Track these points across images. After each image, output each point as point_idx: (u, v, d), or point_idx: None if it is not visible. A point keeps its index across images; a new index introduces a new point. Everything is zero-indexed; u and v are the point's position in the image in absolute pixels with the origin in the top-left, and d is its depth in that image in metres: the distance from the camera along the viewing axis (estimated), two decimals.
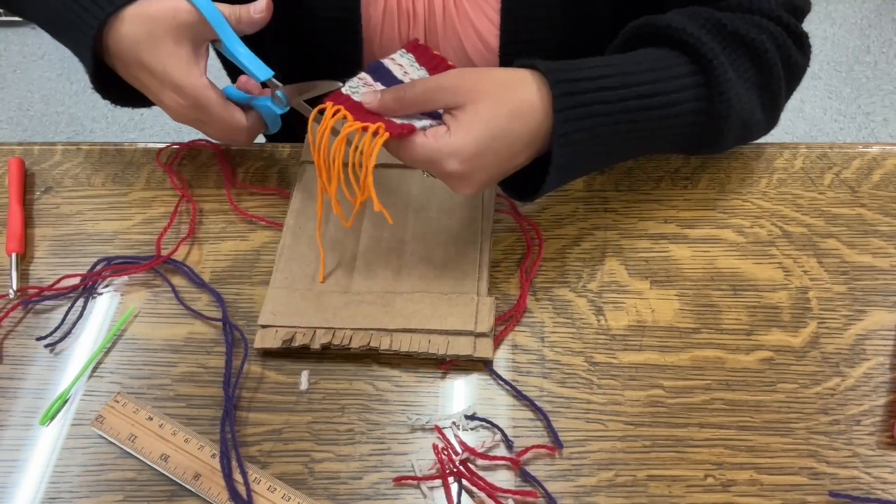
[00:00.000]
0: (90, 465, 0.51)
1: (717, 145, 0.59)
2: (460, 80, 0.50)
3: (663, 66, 0.53)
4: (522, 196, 0.56)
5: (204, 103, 0.56)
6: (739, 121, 0.56)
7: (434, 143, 0.49)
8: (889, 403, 0.52)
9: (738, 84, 0.55)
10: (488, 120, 0.49)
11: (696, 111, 0.54)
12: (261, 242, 0.62)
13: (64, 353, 0.56)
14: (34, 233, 0.63)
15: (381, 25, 0.66)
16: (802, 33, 0.60)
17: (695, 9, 0.57)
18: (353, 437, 0.51)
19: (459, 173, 0.50)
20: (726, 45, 0.55)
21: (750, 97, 0.57)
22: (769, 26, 0.57)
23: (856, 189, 0.64)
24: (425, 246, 0.59)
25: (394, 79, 0.56)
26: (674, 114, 0.53)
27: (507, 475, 0.50)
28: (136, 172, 0.67)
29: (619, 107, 0.51)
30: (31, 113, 1.91)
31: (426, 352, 0.53)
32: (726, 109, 0.54)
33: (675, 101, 0.53)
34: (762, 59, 0.56)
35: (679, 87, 0.53)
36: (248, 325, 0.57)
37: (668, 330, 0.56)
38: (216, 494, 0.49)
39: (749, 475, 0.49)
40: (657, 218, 0.62)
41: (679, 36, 0.54)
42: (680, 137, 0.57)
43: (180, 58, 0.55)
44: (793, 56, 0.58)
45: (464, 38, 0.66)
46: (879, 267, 0.59)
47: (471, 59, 0.67)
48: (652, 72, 0.53)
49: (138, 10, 0.54)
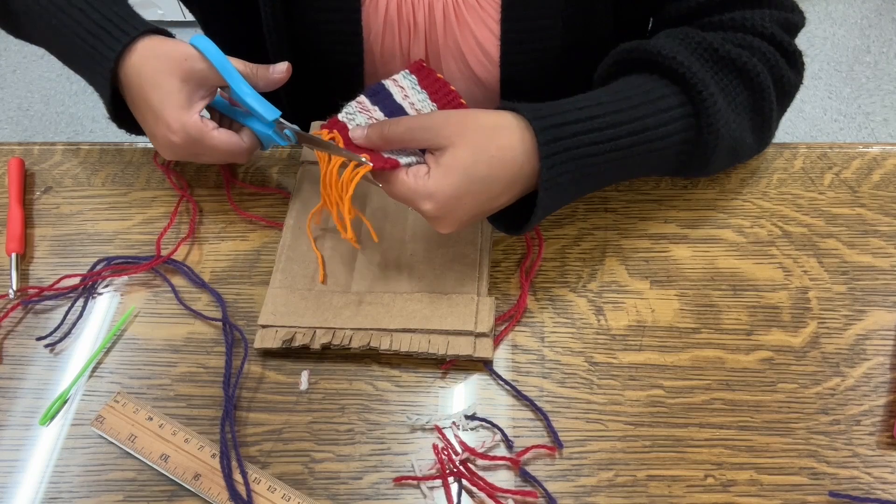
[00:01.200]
0: (90, 465, 0.51)
1: (703, 171, 0.58)
2: (444, 122, 0.50)
3: (652, 99, 0.53)
4: (508, 229, 0.56)
5: (197, 136, 0.55)
6: (728, 148, 0.56)
7: (413, 182, 0.50)
8: (889, 403, 0.52)
9: (728, 111, 0.55)
10: (467, 167, 0.49)
11: (685, 141, 0.54)
12: (261, 242, 0.62)
13: (64, 353, 0.56)
14: (34, 233, 0.63)
15: (381, 36, 0.66)
16: (796, 51, 0.59)
17: (686, 31, 0.56)
18: (353, 437, 0.52)
19: (434, 214, 0.50)
20: (717, 71, 0.55)
21: (740, 122, 0.56)
22: (762, 46, 0.56)
23: (856, 189, 0.64)
24: (425, 246, 0.59)
25: (393, 102, 0.56)
26: (662, 146, 0.53)
27: (507, 475, 0.50)
28: (136, 172, 0.67)
29: (607, 146, 0.51)
30: (31, 113, 1.91)
31: (426, 352, 0.53)
32: (714, 140, 0.54)
33: (663, 135, 0.53)
34: (754, 83, 0.55)
35: (668, 119, 0.53)
36: (248, 325, 0.57)
37: (668, 330, 0.56)
38: (216, 494, 0.49)
39: (749, 475, 0.49)
40: (657, 218, 0.62)
41: (669, 64, 0.53)
42: (667, 165, 0.57)
43: (179, 98, 0.55)
44: (785, 76, 0.57)
45: (464, 49, 0.66)
46: (879, 267, 0.59)
47: (472, 70, 0.67)
48: (642, 106, 0.52)
49: (151, 46, 0.55)
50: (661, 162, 0.55)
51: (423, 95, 0.57)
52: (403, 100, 0.56)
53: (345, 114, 0.54)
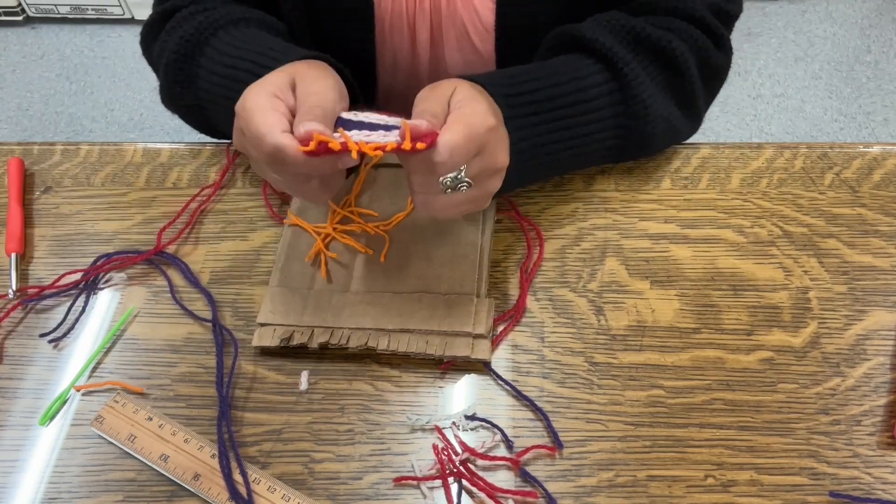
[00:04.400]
0: (90, 465, 0.51)
1: (648, 146, 0.62)
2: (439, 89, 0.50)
3: (581, 76, 0.58)
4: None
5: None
6: (661, 119, 0.60)
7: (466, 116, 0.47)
8: (889, 403, 0.52)
9: (652, 87, 0.59)
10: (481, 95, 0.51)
11: (615, 115, 0.58)
12: (261, 242, 0.62)
13: (64, 352, 0.56)
14: (34, 233, 0.63)
15: (389, 7, 0.67)
16: (724, 35, 0.63)
17: (613, 15, 0.61)
18: (353, 438, 0.51)
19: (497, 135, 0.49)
20: (638, 52, 0.59)
21: (665, 98, 0.61)
22: (688, 29, 0.61)
23: (856, 189, 0.64)
24: (425, 246, 0.59)
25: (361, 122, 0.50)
26: (596, 119, 0.58)
27: (507, 475, 0.50)
28: (136, 172, 0.67)
29: (548, 116, 0.56)
30: (30, 113, 1.91)
31: (424, 352, 0.53)
32: (643, 110, 0.58)
33: (594, 108, 0.58)
34: (672, 63, 0.60)
35: (596, 94, 0.57)
36: (247, 325, 0.57)
37: (668, 330, 0.56)
38: (216, 495, 0.48)
39: (749, 475, 0.49)
40: (657, 218, 0.62)
41: (593, 46, 0.58)
42: (611, 141, 0.60)
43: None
44: (712, 57, 0.62)
45: (464, 15, 0.67)
46: (880, 267, 0.59)
47: (470, 39, 0.68)
48: (574, 82, 0.57)
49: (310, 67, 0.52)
50: (603, 138, 0.59)
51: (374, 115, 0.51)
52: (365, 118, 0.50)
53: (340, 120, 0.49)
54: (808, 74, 1.94)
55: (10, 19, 2.08)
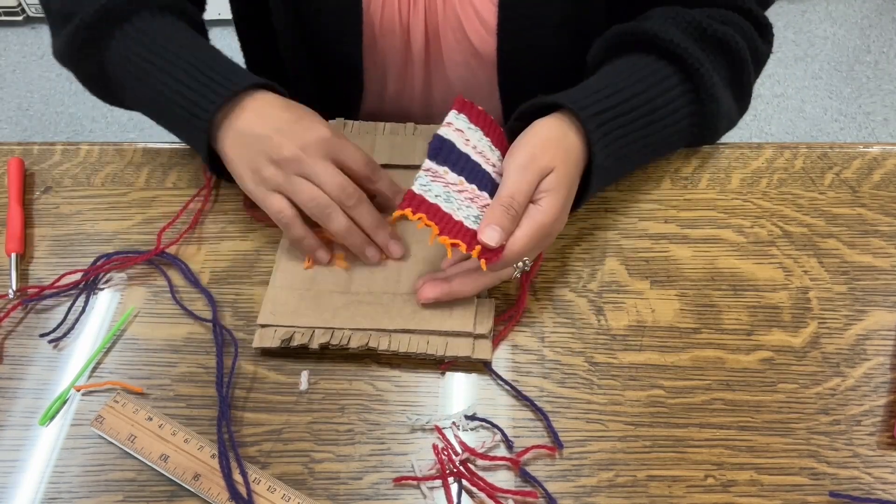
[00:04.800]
0: (90, 465, 0.51)
1: (712, 138, 0.66)
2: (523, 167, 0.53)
3: (657, 81, 0.59)
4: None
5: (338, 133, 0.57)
6: (725, 113, 0.63)
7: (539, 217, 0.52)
8: (889, 403, 0.52)
9: (720, 83, 0.61)
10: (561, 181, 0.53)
11: (692, 114, 0.60)
12: (261, 242, 0.62)
13: (64, 352, 0.56)
14: (34, 233, 0.63)
15: (381, 8, 0.66)
16: (768, 24, 0.65)
17: (677, 10, 0.61)
18: (353, 438, 0.51)
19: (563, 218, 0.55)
20: (705, 48, 0.60)
21: (728, 93, 0.63)
22: (740, 21, 0.62)
23: (856, 189, 0.64)
24: (425, 247, 0.59)
25: (458, 153, 0.54)
26: (673, 122, 0.60)
27: (507, 475, 0.50)
28: (136, 172, 0.67)
29: (631, 127, 0.57)
30: (30, 113, 1.91)
31: (424, 352, 0.53)
32: (716, 107, 0.61)
33: (673, 110, 0.59)
34: (735, 57, 0.61)
35: (674, 97, 0.59)
36: (247, 325, 0.57)
37: (668, 330, 0.56)
38: (216, 495, 0.48)
39: (749, 475, 0.49)
40: (657, 218, 0.62)
41: (667, 46, 0.59)
42: (682, 141, 0.64)
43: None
44: (759, 49, 0.64)
45: (463, 18, 0.66)
46: (880, 267, 0.59)
47: (470, 41, 0.68)
48: (652, 88, 0.58)
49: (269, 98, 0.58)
50: (677, 139, 0.63)
51: (479, 133, 0.57)
52: (465, 145, 0.55)
53: (419, 185, 0.52)
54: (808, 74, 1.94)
55: (10, 19, 2.08)
